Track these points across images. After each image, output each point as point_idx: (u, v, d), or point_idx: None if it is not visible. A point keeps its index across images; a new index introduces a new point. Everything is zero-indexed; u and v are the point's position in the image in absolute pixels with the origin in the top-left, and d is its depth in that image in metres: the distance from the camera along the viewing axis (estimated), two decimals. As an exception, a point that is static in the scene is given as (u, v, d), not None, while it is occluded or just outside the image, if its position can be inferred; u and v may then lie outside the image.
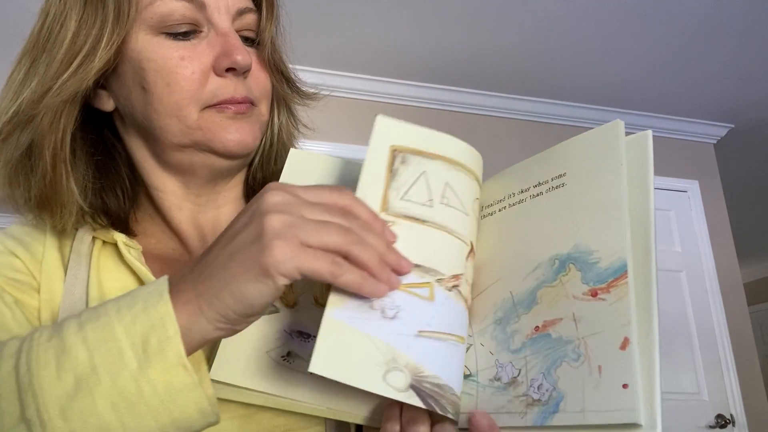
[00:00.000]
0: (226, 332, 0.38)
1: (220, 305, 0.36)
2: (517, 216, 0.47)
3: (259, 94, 0.55)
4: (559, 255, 0.43)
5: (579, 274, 0.41)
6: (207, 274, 0.37)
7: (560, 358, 0.38)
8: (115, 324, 0.36)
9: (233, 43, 0.51)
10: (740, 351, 2.82)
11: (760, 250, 5.52)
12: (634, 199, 0.42)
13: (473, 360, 0.43)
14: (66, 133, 0.51)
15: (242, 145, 0.52)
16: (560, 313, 0.40)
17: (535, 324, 0.41)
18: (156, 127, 0.52)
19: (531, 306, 0.42)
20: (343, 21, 2.32)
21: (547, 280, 0.42)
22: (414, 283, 0.40)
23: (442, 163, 0.45)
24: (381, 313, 0.39)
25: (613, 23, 2.33)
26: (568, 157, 0.46)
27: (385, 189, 0.43)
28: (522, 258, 0.45)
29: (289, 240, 0.36)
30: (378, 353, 0.38)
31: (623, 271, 0.38)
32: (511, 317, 0.43)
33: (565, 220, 0.44)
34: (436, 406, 0.37)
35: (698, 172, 3.10)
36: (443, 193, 0.44)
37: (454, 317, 0.41)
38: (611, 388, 0.35)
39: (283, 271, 0.35)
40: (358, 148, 2.67)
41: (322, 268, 0.36)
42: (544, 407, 0.37)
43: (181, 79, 0.50)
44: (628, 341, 0.36)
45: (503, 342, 0.42)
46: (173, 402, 0.35)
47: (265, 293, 0.36)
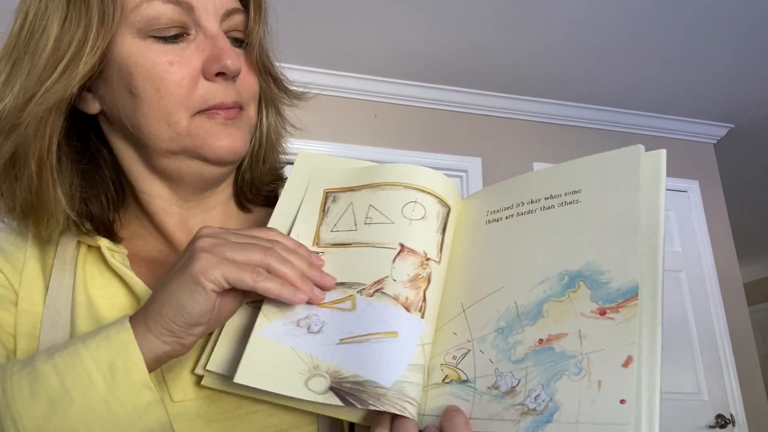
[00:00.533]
0: (173, 347, 0.42)
1: (163, 319, 0.41)
2: (526, 226, 0.48)
3: (248, 97, 0.55)
4: (569, 271, 0.43)
5: (589, 292, 0.41)
6: (152, 298, 0.43)
7: (561, 372, 0.39)
8: (82, 351, 0.40)
9: (223, 47, 0.50)
10: (740, 351, 2.83)
11: (760, 250, 5.52)
12: (646, 219, 0.43)
13: (471, 366, 0.43)
14: (52, 141, 0.49)
15: (233, 152, 0.52)
16: (566, 329, 0.41)
17: (540, 337, 0.41)
18: (145, 132, 0.51)
19: (536, 318, 0.42)
20: (343, 21, 2.32)
21: (554, 294, 0.43)
22: (338, 299, 0.47)
23: (367, 191, 0.52)
24: (307, 330, 0.45)
25: (613, 24, 2.33)
26: (584, 174, 0.48)
27: (318, 226, 0.52)
28: (529, 269, 0.45)
29: (215, 254, 0.42)
30: (301, 363, 0.43)
31: (634, 293, 0.39)
32: (515, 327, 0.43)
33: (577, 236, 0.45)
34: (355, 401, 0.41)
35: (698, 172, 3.10)
36: (367, 215, 0.51)
37: (376, 317, 0.45)
38: (608, 403, 0.36)
39: (210, 278, 0.41)
40: (358, 148, 2.68)
41: (245, 275, 0.41)
42: (538, 417, 0.38)
43: (170, 85, 0.49)
44: (632, 359, 0.37)
45: (504, 351, 0.42)
46: (139, 418, 0.40)
47: (199, 300, 0.41)
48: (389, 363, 0.43)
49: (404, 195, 0.51)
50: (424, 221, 0.50)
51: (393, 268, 0.47)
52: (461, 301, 0.48)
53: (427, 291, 0.47)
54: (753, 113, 3.02)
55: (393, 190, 0.51)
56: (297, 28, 2.35)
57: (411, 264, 0.48)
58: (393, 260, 0.48)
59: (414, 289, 0.46)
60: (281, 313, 0.46)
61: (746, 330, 2.91)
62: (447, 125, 2.84)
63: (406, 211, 0.50)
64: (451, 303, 0.48)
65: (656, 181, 0.44)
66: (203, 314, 0.42)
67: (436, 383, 0.44)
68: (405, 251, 0.48)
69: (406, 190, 0.51)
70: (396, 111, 2.79)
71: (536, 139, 2.93)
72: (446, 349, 0.45)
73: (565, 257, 0.44)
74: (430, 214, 0.50)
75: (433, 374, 0.45)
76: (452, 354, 0.45)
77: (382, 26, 2.35)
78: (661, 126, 3.07)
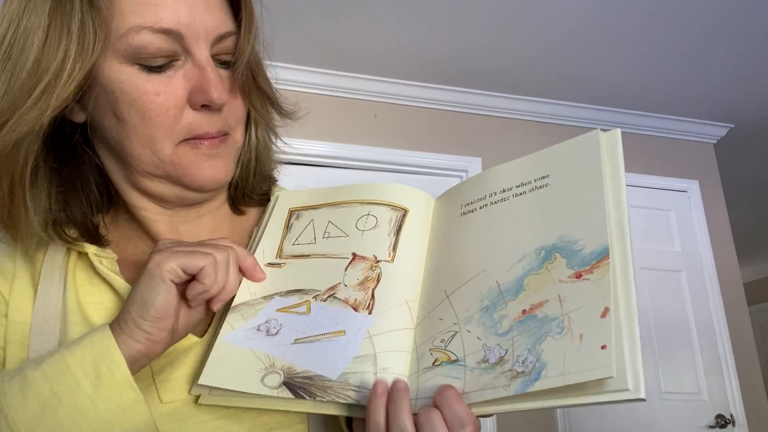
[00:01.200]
0: (146, 345, 0.45)
1: (132, 318, 0.45)
2: (500, 213, 0.52)
3: (234, 122, 0.54)
4: (545, 246, 0.47)
5: (564, 260, 0.45)
6: (124, 303, 0.47)
7: (545, 334, 0.41)
8: (68, 358, 0.43)
9: (209, 78, 0.49)
10: (740, 351, 2.82)
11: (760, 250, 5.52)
12: (610, 188, 0.47)
13: (460, 346, 0.45)
14: (26, 166, 0.48)
15: (214, 181, 0.53)
16: (546, 296, 0.43)
17: (522, 308, 0.44)
18: (128, 153, 0.51)
19: (518, 293, 0.45)
20: (343, 21, 2.32)
21: (533, 268, 0.46)
22: (295, 304, 0.52)
23: (327, 209, 0.59)
24: (266, 333, 0.50)
25: (613, 24, 2.33)
26: (551, 161, 0.52)
27: (281, 241, 0.58)
28: (507, 250, 0.49)
29: (168, 250, 0.46)
30: (259, 362, 0.48)
31: (605, 254, 0.42)
32: (498, 304, 0.46)
33: (549, 215, 0.48)
34: (305, 393, 0.45)
35: (698, 172, 3.10)
36: (326, 230, 0.57)
37: (328, 319, 0.50)
38: (590, 351, 0.38)
39: (166, 269, 0.45)
40: (358, 148, 2.68)
41: (195, 257, 0.46)
42: (527, 377, 0.40)
43: (155, 115, 0.48)
44: (609, 310, 0.39)
45: (491, 327, 0.45)
46: (124, 416, 0.43)
47: (159, 291, 0.45)
48: (335, 358, 0.47)
49: (359, 210, 0.57)
50: (375, 230, 0.55)
51: (345, 275, 0.53)
52: (444, 288, 0.50)
53: (375, 289, 0.51)
54: (753, 113, 3.02)
55: (350, 207, 0.58)
56: (297, 28, 2.35)
57: (361, 269, 0.53)
58: (345, 268, 0.53)
59: (363, 290, 0.51)
60: (243, 321, 0.51)
61: (746, 330, 2.91)
62: (447, 125, 2.84)
63: (359, 224, 0.56)
64: (434, 292, 0.51)
65: (615, 153, 0.49)
66: (167, 305, 0.45)
67: (427, 367, 0.46)
68: (356, 259, 0.54)
69: (361, 206, 0.57)
70: (396, 111, 2.79)
71: (536, 139, 2.93)
72: (433, 335, 0.47)
73: (539, 234, 0.48)
74: (382, 221, 0.55)
75: (422, 360, 0.46)
76: (440, 338, 0.47)
77: (382, 26, 2.35)
78: (661, 126, 3.07)
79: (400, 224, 0.55)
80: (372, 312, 0.49)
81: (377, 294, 0.51)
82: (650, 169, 2.98)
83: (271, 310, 0.52)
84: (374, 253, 0.53)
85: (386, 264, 0.53)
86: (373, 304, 0.50)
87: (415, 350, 0.48)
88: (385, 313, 0.49)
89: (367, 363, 0.46)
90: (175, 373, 0.49)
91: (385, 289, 0.51)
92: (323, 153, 2.63)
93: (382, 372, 0.46)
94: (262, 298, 0.53)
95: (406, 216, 0.56)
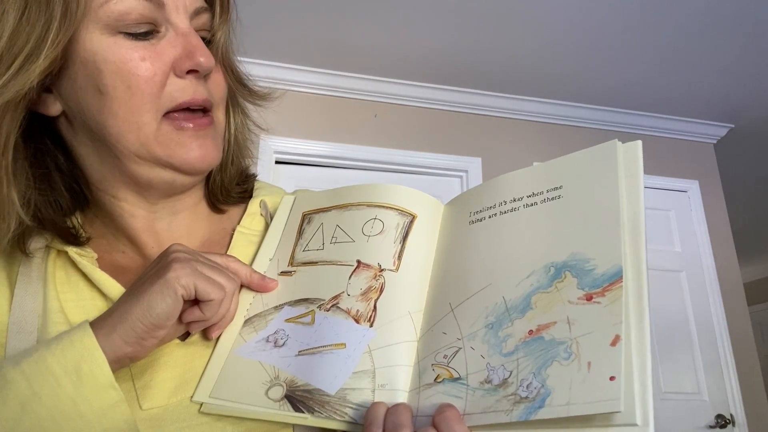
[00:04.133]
0: (134, 348, 0.44)
1: (131, 319, 0.44)
2: (510, 223, 0.50)
3: (218, 97, 0.54)
4: (555, 263, 0.44)
5: (575, 280, 0.42)
6: (121, 300, 0.46)
7: (552, 358, 0.39)
8: (48, 357, 0.42)
9: (195, 44, 0.50)
10: (740, 351, 2.82)
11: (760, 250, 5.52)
12: (627, 206, 0.44)
13: (462, 363, 0.44)
14: (9, 139, 0.47)
15: (205, 161, 0.51)
16: (554, 317, 0.41)
17: (529, 328, 0.42)
18: (113, 134, 0.49)
19: (525, 311, 0.43)
20: (344, 21, 2.32)
21: (542, 286, 0.44)
22: (301, 314, 0.51)
23: (336, 211, 0.57)
24: (274, 344, 0.50)
25: (613, 24, 2.33)
26: (565, 171, 0.50)
27: (294, 247, 0.57)
28: (515, 265, 0.47)
29: (189, 265, 0.46)
30: (265, 374, 0.47)
31: (618, 277, 0.40)
32: (504, 322, 0.44)
33: (560, 230, 0.46)
34: (304, 408, 0.45)
35: (698, 172, 3.10)
36: (333, 234, 0.55)
37: (329, 331, 0.49)
38: (598, 381, 0.36)
39: (183, 284, 0.45)
40: (358, 148, 2.67)
41: (213, 289, 0.46)
42: (530, 404, 0.38)
43: (142, 81, 0.48)
44: (619, 338, 0.37)
45: (495, 346, 0.43)
46: (105, 416, 0.42)
47: (168, 302, 0.44)
48: (334, 372, 0.46)
49: (366, 213, 0.55)
50: (381, 235, 0.53)
51: (349, 283, 0.51)
52: (449, 301, 0.48)
53: (378, 301, 0.50)
54: (753, 113, 3.02)
55: (357, 209, 0.56)
56: (297, 27, 2.35)
57: (365, 278, 0.51)
58: (349, 276, 0.52)
59: (365, 301, 0.50)
60: (255, 332, 0.51)
61: (746, 330, 2.91)
62: (447, 125, 2.84)
63: (365, 229, 0.54)
64: (439, 304, 0.49)
65: (635, 169, 0.46)
66: (169, 317, 0.45)
67: (428, 384, 0.44)
68: (361, 267, 0.52)
69: (368, 209, 0.55)
70: (396, 111, 2.79)
71: (536, 139, 2.93)
72: (436, 349, 0.46)
73: (550, 250, 0.45)
74: (389, 227, 0.54)
75: (424, 375, 0.45)
76: (443, 353, 0.45)
77: (382, 26, 2.35)
78: (661, 126, 3.07)
79: (407, 231, 0.54)
80: (373, 325, 0.48)
81: (380, 306, 0.49)
82: (650, 169, 2.98)
83: (280, 320, 0.51)
84: (379, 261, 0.52)
85: (390, 273, 0.51)
86: (375, 317, 0.49)
87: (417, 364, 0.46)
88: (387, 326, 0.48)
89: (365, 379, 0.45)
90: (156, 379, 0.48)
91: (388, 300, 0.49)
92: (323, 153, 2.63)
93: (380, 389, 0.45)
94: (273, 308, 0.52)
95: (414, 222, 0.54)
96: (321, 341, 0.48)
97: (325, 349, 0.48)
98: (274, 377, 0.47)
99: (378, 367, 0.46)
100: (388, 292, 0.50)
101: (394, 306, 0.49)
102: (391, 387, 0.45)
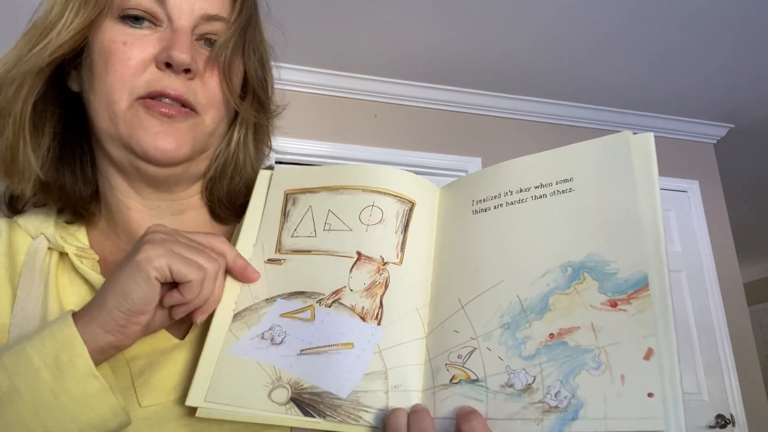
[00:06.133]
0: (116, 337, 0.43)
1: (107, 308, 0.43)
2: (518, 216, 0.47)
3: (206, 101, 0.53)
4: (572, 263, 0.43)
5: (596, 283, 0.41)
6: (101, 289, 0.44)
7: (579, 366, 0.38)
8: (28, 349, 0.42)
9: (177, 39, 0.50)
10: (740, 351, 2.82)
11: (760, 250, 5.52)
12: (644, 207, 0.43)
13: (479, 364, 0.42)
14: (27, 103, 0.51)
15: (160, 152, 0.50)
16: (577, 322, 0.40)
17: (550, 331, 0.41)
18: (93, 110, 0.52)
19: (543, 312, 0.42)
20: (344, 21, 2.32)
21: (559, 287, 0.42)
22: (298, 308, 0.48)
23: (326, 194, 0.53)
24: (270, 341, 0.47)
25: (613, 23, 2.33)
26: (575, 162, 0.47)
27: (280, 231, 0.52)
28: (528, 262, 0.45)
29: (163, 245, 0.44)
30: (265, 375, 0.45)
31: (644, 284, 0.39)
32: (521, 323, 0.42)
33: (575, 227, 0.44)
34: (314, 412, 0.42)
35: (698, 172, 3.10)
36: (326, 221, 0.51)
37: (333, 329, 0.46)
38: (635, 397, 0.36)
39: (155, 265, 0.43)
40: (358, 148, 2.67)
41: (189, 269, 0.44)
42: (562, 414, 0.37)
43: (117, 62, 0.50)
44: (653, 352, 0.37)
45: (514, 348, 0.42)
46: (88, 405, 0.41)
47: (142, 285, 0.42)
48: (344, 374, 0.44)
49: (362, 199, 0.51)
50: (381, 225, 0.50)
51: (350, 277, 0.48)
52: (458, 296, 0.47)
53: (384, 297, 0.47)
54: (753, 113, 3.02)
55: (351, 194, 0.52)
56: (297, 27, 2.34)
57: (367, 272, 0.48)
58: (350, 269, 0.49)
59: (370, 297, 0.47)
60: (247, 328, 0.47)
61: (746, 330, 2.91)
62: (447, 125, 2.83)
63: (363, 217, 0.51)
64: (447, 299, 0.47)
65: (648, 161, 0.44)
66: (147, 302, 0.43)
67: (444, 384, 0.43)
68: (362, 259, 0.49)
69: (364, 194, 0.52)
70: (396, 111, 2.79)
71: (536, 139, 2.93)
72: (449, 348, 0.44)
73: (565, 248, 0.44)
74: (388, 216, 0.51)
75: (438, 375, 0.44)
76: (456, 353, 0.44)
77: (382, 26, 2.35)
78: (661, 126, 3.07)
79: (407, 220, 0.51)
80: (381, 323, 0.46)
81: (386, 302, 0.47)
82: (650, 169, 2.97)
83: (274, 314, 0.48)
84: (381, 254, 0.49)
85: (394, 267, 0.49)
86: (382, 314, 0.46)
87: (428, 362, 0.45)
88: (395, 324, 0.46)
89: (377, 380, 0.44)
90: (155, 377, 0.48)
91: (394, 296, 0.47)
92: (323, 153, 2.63)
93: (394, 390, 0.43)
94: (264, 301, 0.49)
95: (413, 210, 0.51)
96: (325, 340, 0.46)
97: (331, 349, 0.45)
98: (275, 378, 0.45)
99: (390, 368, 0.44)
100: (393, 288, 0.48)
101: (401, 302, 0.47)
102: (404, 388, 0.44)
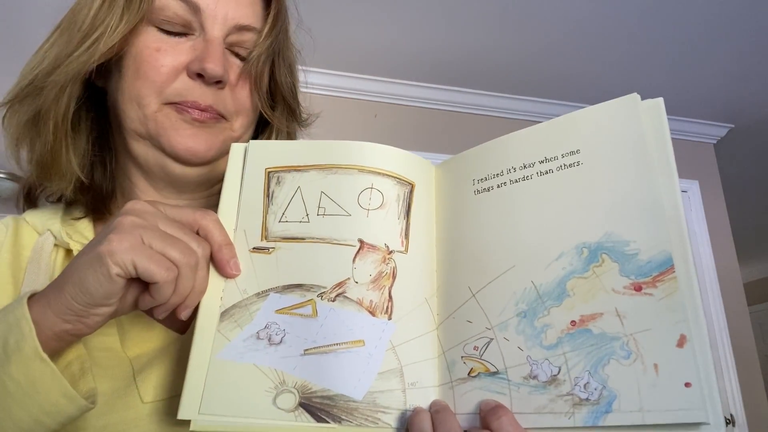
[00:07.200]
0: (75, 326, 0.40)
1: (64, 296, 0.39)
2: (524, 195, 0.44)
3: (235, 109, 0.55)
4: (588, 243, 0.40)
5: (616, 265, 0.38)
6: (60, 275, 0.41)
7: (608, 356, 0.36)
8: None
9: (211, 51, 0.51)
10: (740, 351, 2.82)
11: (760, 250, 5.52)
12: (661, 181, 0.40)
13: (498, 355, 0.40)
14: (68, 108, 0.52)
15: (190, 152, 0.52)
16: (600, 308, 0.38)
17: (571, 318, 0.38)
18: (120, 110, 0.53)
19: (562, 298, 0.39)
20: (343, 21, 2.32)
21: (576, 270, 0.39)
22: (296, 304, 0.43)
23: (316, 173, 0.47)
24: (268, 341, 0.42)
25: (613, 24, 2.33)
26: (581, 132, 0.43)
27: (264, 215, 0.46)
28: (540, 244, 0.42)
29: (131, 235, 0.39)
30: (266, 379, 0.41)
31: (669, 266, 0.37)
32: (539, 310, 0.40)
33: (587, 204, 0.41)
34: (327, 417, 0.39)
35: (698, 172, 3.10)
36: (319, 204, 0.46)
37: (340, 325, 0.42)
38: (672, 387, 0.34)
39: (117, 261, 0.38)
40: (358, 148, 2.67)
41: (156, 269, 0.38)
42: (594, 407, 0.35)
43: (148, 69, 0.51)
44: (686, 339, 0.35)
45: (533, 337, 0.39)
46: (36, 391, 0.38)
47: (101, 281, 0.38)
48: (358, 375, 0.41)
49: (359, 181, 0.46)
50: (383, 210, 0.46)
51: (354, 268, 0.44)
52: (468, 284, 0.44)
53: (392, 289, 0.44)
54: (753, 113, 3.02)
55: (346, 174, 0.46)
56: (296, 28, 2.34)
57: (372, 262, 0.44)
58: (353, 259, 0.44)
59: (378, 289, 0.44)
60: (239, 328, 0.43)
61: (746, 330, 2.91)
62: (447, 125, 2.83)
63: (362, 200, 0.46)
64: (456, 287, 0.44)
65: (660, 129, 0.41)
66: (107, 297, 0.39)
67: (462, 378, 0.41)
68: (365, 248, 0.45)
69: (361, 174, 0.46)
70: (395, 111, 2.79)
71: (536, 139, 2.92)
72: (463, 340, 0.42)
73: (578, 229, 0.40)
74: (389, 199, 0.46)
75: (454, 368, 0.42)
76: (472, 344, 0.41)
77: (382, 26, 2.35)
78: (661, 126, 3.07)
79: (408, 203, 0.47)
80: (392, 317, 0.43)
81: (395, 294, 0.43)
82: (650, 169, 2.97)
83: (268, 311, 0.44)
84: (385, 242, 0.45)
85: (400, 256, 0.45)
86: (392, 307, 0.43)
87: (442, 355, 0.42)
88: (406, 317, 0.43)
89: (393, 379, 0.41)
90: (156, 373, 0.48)
91: (403, 287, 0.44)
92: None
93: (411, 388, 0.41)
94: (255, 295, 0.44)
95: (414, 192, 0.47)
96: (331, 338, 0.42)
97: (339, 348, 0.42)
98: (279, 382, 0.41)
99: (405, 365, 0.42)
100: (401, 278, 0.44)
101: (412, 293, 0.44)
102: (421, 384, 0.41)
